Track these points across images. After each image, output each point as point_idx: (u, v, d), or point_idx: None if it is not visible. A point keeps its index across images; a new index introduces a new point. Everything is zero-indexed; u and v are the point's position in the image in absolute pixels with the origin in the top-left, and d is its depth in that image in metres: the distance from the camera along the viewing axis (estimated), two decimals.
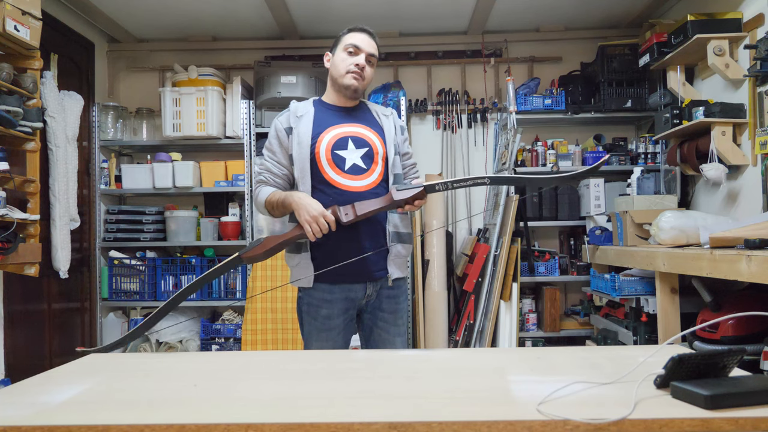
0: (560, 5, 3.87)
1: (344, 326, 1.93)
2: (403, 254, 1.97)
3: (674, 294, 2.72)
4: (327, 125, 1.94)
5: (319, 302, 1.91)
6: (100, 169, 4.01)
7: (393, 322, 1.97)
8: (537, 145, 4.08)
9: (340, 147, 1.90)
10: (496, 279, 3.64)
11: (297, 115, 1.96)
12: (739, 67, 2.98)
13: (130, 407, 1.04)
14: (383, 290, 1.96)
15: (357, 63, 1.92)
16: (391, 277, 1.94)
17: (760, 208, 2.78)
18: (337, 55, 1.96)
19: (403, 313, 2.01)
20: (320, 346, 1.92)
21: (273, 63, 4.04)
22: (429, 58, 4.38)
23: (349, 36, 1.96)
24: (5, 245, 2.62)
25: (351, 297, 1.92)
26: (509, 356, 1.54)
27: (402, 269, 1.99)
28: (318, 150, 1.89)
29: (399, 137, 2.03)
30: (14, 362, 3.14)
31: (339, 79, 1.95)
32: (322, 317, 1.91)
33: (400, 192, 1.76)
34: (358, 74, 1.93)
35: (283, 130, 1.95)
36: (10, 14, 2.55)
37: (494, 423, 0.90)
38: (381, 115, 2.02)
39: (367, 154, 1.91)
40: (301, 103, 2.01)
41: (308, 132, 1.91)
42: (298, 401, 1.06)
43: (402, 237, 1.96)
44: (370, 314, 1.97)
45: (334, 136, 1.91)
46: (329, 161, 1.89)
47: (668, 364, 1.00)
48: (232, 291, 4.02)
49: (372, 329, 1.98)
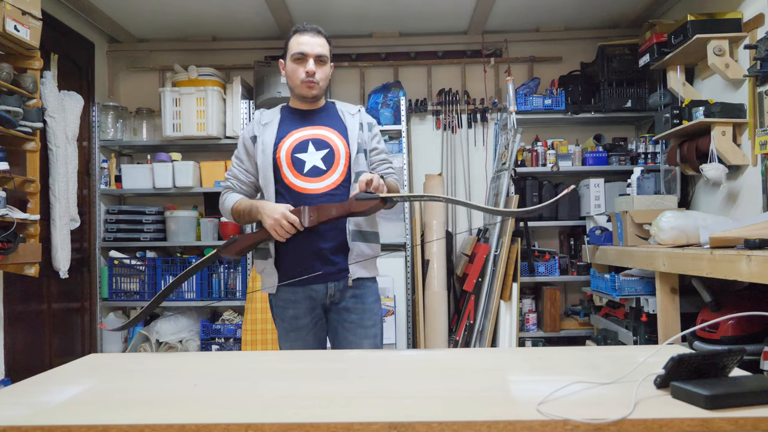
0: (560, 5, 3.87)
1: (313, 325, 1.95)
2: (368, 253, 1.94)
3: (674, 294, 2.71)
4: (289, 130, 1.95)
5: (285, 303, 1.94)
6: (100, 169, 4.01)
7: (359, 323, 1.94)
8: (537, 145, 4.08)
9: (300, 150, 1.92)
10: (496, 279, 3.64)
11: (262, 123, 1.98)
12: (739, 67, 2.98)
13: (130, 407, 1.05)
14: (348, 290, 1.94)
15: (307, 71, 1.93)
16: (351, 277, 1.92)
17: (760, 208, 2.78)
18: (288, 65, 1.96)
19: (373, 314, 1.97)
20: (291, 346, 1.93)
21: (273, 63, 4.04)
22: (429, 58, 4.38)
23: (294, 41, 1.95)
24: (5, 245, 2.62)
25: (313, 296, 1.92)
26: (509, 356, 1.54)
27: (367, 269, 1.96)
28: (279, 155, 1.92)
29: (365, 134, 2.01)
30: (14, 362, 3.14)
31: (296, 89, 1.97)
32: (289, 318, 1.93)
33: (360, 202, 1.77)
34: (311, 82, 1.94)
35: (249, 139, 1.98)
36: (10, 14, 2.55)
37: (494, 423, 0.90)
38: (346, 114, 2.02)
39: (328, 155, 1.92)
40: (268, 111, 2.03)
41: (272, 139, 1.94)
42: (298, 401, 1.06)
43: (366, 236, 1.95)
44: (336, 314, 1.96)
45: (294, 140, 1.93)
46: (289, 165, 1.91)
47: (668, 364, 1.00)
48: (232, 291, 4.02)
49: (338, 330, 1.97)
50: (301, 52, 1.93)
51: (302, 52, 1.93)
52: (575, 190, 4.02)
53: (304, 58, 1.93)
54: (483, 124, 4.34)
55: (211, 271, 4.02)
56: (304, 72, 1.92)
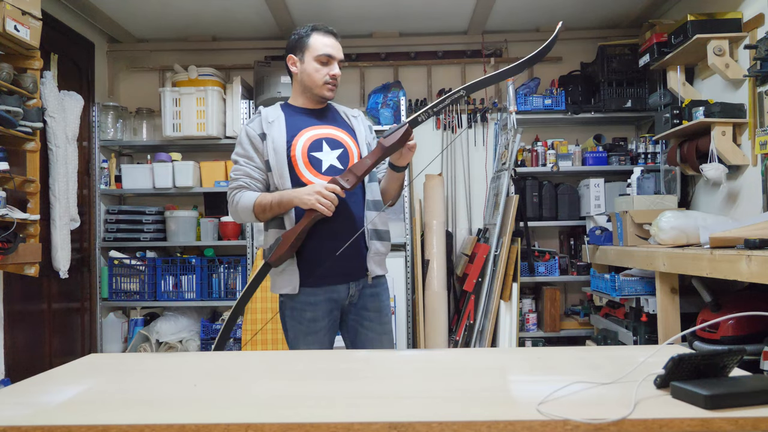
0: (560, 5, 3.87)
1: (329, 328, 1.94)
2: (383, 251, 1.98)
3: (674, 294, 2.71)
4: (299, 128, 1.93)
5: (303, 306, 1.91)
6: (100, 169, 4.01)
7: (378, 321, 1.97)
8: (537, 145, 4.08)
9: (315, 149, 1.91)
10: (496, 279, 3.64)
11: (268, 120, 1.94)
12: (739, 67, 2.98)
13: (130, 407, 1.04)
14: (365, 289, 1.96)
15: (333, 74, 1.92)
16: (371, 275, 1.94)
17: (760, 208, 2.78)
18: (309, 64, 1.93)
19: (387, 311, 2.02)
20: (306, 348, 1.92)
21: (273, 63, 4.04)
22: (429, 58, 4.38)
23: (318, 41, 1.92)
24: (5, 245, 2.62)
25: (334, 298, 1.92)
26: (509, 356, 1.54)
27: (382, 266, 2.00)
28: (294, 153, 1.89)
29: (369, 137, 2.05)
30: (14, 362, 3.14)
31: (315, 89, 1.94)
32: (307, 320, 1.90)
33: (389, 137, 1.76)
34: (334, 85, 1.94)
35: (256, 136, 1.92)
36: (10, 14, 2.55)
37: (494, 423, 0.90)
38: (350, 117, 2.04)
39: (343, 155, 1.93)
40: (269, 108, 2.00)
41: (282, 136, 1.90)
42: (298, 401, 1.06)
43: (380, 234, 1.97)
44: (355, 314, 1.97)
45: (308, 139, 1.92)
46: (306, 164, 1.89)
47: (668, 364, 1.00)
48: (232, 291, 4.01)
49: (357, 330, 1.98)
50: (328, 55, 1.92)
51: (330, 54, 1.92)
52: (575, 190, 4.02)
53: (330, 61, 1.92)
54: (483, 124, 4.34)
55: (211, 271, 4.02)
56: (329, 75, 1.92)
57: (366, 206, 1.93)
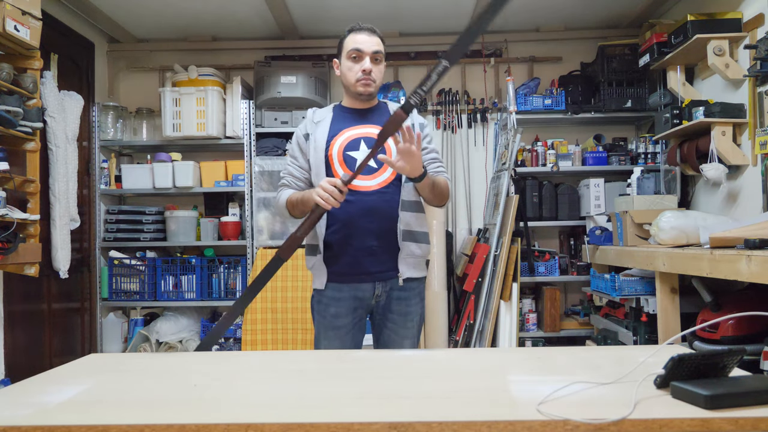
0: (560, 5, 3.87)
1: (353, 326, 1.95)
2: (418, 254, 1.96)
3: (674, 294, 2.71)
4: (341, 128, 1.97)
5: (328, 300, 1.94)
6: (100, 169, 4.01)
7: (402, 324, 1.97)
8: (537, 145, 4.08)
9: (351, 148, 1.93)
10: (496, 279, 3.64)
11: (315, 121, 2.00)
12: (739, 67, 2.98)
13: (130, 407, 1.05)
14: (393, 291, 1.95)
15: (363, 69, 1.93)
16: (401, 277, 1.93)
17: (760, 208, 2.78)
18: (344, 63, 1.97)
19: (415, 316, 1.99)
20: (328, 344, 1.94)
21: (273, 63, 4.04)
22: (429, 58, 4.37)
23: (350, 39, 1.95)
24: (5, 245, 2.62)
25: (359, 296, 1.93)
26: (509, 356, 1.54)
27: (417, 269, 1.98)
28: (331, 152, 1.93)
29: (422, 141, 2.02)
30: (14, 362, 3.14)
31: (351, 88, 1.97)
32: (330, 316, 1.94)
33: (385, 126, 1.75)
34: (367, 80, 1.94)
35: (302, 136, 2.00)
36: (10, 14, 2.55)
37: (494, 423, 0.90)
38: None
39: (379, 154, 1.93)
40: (320, 110, 2.06)
41: (324, 136, 1.95)
42: (298, 401, 1.06)
43: (415, 236, 1.96)
44: (381, 315, 1.98)
45: (346, 138, 1.94)
46: (341, 162, 1.92)
47: (668, 364, 1.00)
48: (232, 291, 4.01)
49: (382, 330, 2.00)
50: (357, 49, 1.92)
51: (358, 48, 1.92)
52: (575, 190, 4.02)
53: (361, 55, 1.93)
54: (483, 124, 4.34)
55: (210, 271, 4.02)
56: (360, 70, 1.93)
57: (401, 206, 1.92)
